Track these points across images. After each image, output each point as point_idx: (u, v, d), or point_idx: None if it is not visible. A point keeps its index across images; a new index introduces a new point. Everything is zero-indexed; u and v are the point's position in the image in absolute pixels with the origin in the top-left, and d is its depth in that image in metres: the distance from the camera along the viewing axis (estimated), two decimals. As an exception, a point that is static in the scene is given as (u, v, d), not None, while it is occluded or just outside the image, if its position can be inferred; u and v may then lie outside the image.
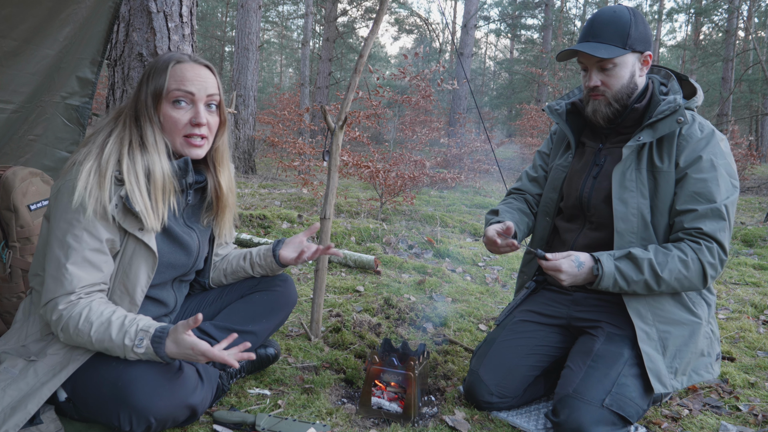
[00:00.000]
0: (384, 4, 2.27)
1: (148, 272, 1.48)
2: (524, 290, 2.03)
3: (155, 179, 1.44)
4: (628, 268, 1.66)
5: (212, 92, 1.51)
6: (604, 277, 1.66)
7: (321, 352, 2.22)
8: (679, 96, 1.73)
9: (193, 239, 1.62)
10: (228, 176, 1.66)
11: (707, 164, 1.67)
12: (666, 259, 1.64)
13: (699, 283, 1.67)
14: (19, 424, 1.35)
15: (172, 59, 1.50)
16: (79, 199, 1.37)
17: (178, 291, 1.70)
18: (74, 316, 1.36)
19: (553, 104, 1.97)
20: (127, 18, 2.53)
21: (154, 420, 1.37)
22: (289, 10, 27.31)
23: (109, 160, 1.42)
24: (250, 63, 9.43)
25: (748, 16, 15.81)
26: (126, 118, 1.49)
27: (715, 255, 1.65)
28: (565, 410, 1.61)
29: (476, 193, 9.01)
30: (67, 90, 2.38)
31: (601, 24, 1.73)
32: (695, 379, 1.75)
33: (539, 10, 19.68)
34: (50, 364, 1.41)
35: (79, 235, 1.37)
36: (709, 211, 1.65)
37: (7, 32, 1.97)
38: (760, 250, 5.00)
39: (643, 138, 1.70)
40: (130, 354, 1.37)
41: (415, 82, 7.18)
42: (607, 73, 1.74)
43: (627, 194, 1.73)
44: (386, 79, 11.92)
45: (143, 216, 1.42)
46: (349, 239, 4.44)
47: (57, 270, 1.37)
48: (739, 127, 19.33)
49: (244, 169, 9.54)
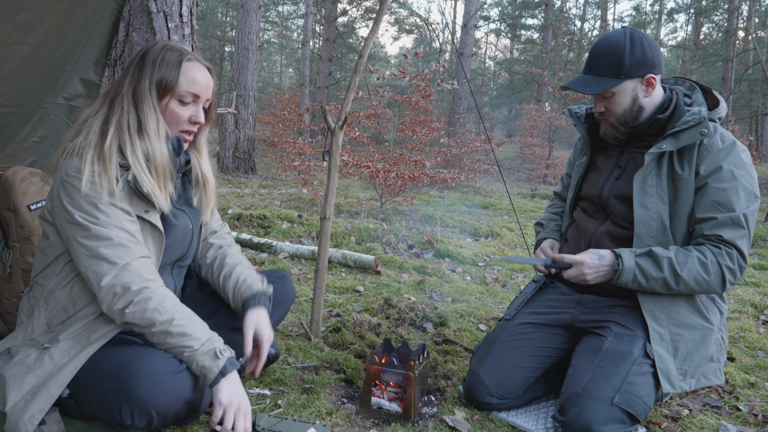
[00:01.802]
0: (384, 4, 2.27)
1: (156, 253, 1.53)
2: (533, 284, 2.06)
3: (156, 163, 1.48)
4: (648, 264, 1.70)
5: (210, 97, 1.62)
6: (624, 271, 1.70)
7: (321, 352, 2.22)
8: (704, 108, 1.76)
9: (185, 221, 1.65)
10: (208, 166, 1.73)
11: (727, 174, 1.70)
12: (686, 260, 1.68)
13: (718, 286, 1.70)
14: (44, 409, 1.35)
15: (183, 55, 1.54)
16: (89, 188, 1.39)
17: (177, 277, 1.71)
18: (160, 291, 1.42)
19: (573, 108, 2.05)
20: (127, 18, 2.53)
21: (156, 414, 1.37)
22: (289, 10, 27.33)
23: (111, 146, 1.43)
24: (250, 63, 9.43)
25: (748, 16, 15.80)
26: (124, 102, 1.49)
27: (735, 260, 1.68)
28: (574, 408, 1.60)
29: (476, 193, 9.02)
30: (70, 92, 2.38)
31: (595, 56, 1.79)
32: (703, 382, 1.77)
33: (539, 10, 19.66)
34: (65, 348, 1.41)
35: (108, 212, 1.40)
36: (728, 219, 1.68)
37: (23, 38, 1.98)
38: (760, 250, 5.00)
39: (666, 146, 1.73)
40: (205, 350, 1.40)
41: (415, 82, 7.18)
42: (608, 100, 1.80)
43: (647, 199, 1.77)
44: (386, 79, 11.92)
45: (153, 197, 1.46)
46: (349, 239, 4.44)
47: (111, 246, 1.39)
48: (739, 127, 19.34)
49: (244, 169, 9.54)
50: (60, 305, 1.46)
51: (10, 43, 1.95)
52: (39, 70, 2.16)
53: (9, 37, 1.93)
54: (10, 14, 1.87)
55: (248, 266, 1.80)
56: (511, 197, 6.63)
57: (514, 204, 7.10)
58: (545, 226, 2.18)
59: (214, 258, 1.81)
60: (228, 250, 1.83)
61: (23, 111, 2.25)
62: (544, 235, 2.14)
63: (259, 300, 1.68)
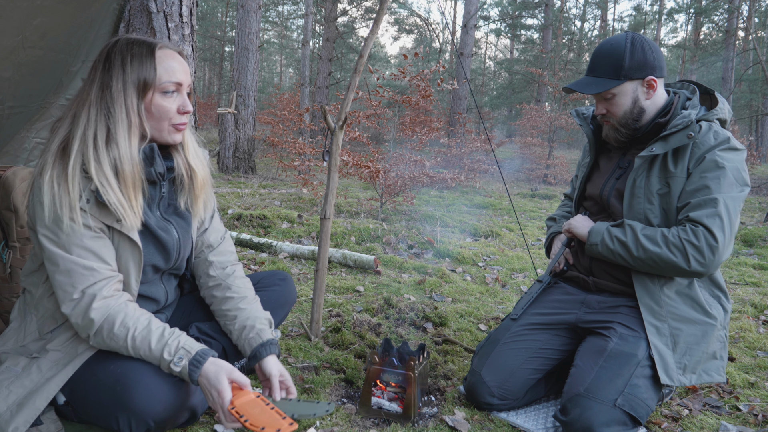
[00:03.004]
0: (384, 4, 2.27)
1: (136, 264, 1.46)
2: (538, 284, 2.06)
3: (125, 175, 1.39)
4: (617, 231, 1.80)
5: (190, 81, 1.53)
6: (593, 231, 1.84)
7: (321, 352, 2.22)
8: (694, 111, 1.79)
9: (171, 235, 1.55)
10: (197, 157, 1.61)
11: (711, 164, 1.71)
12: (652, 233, 1.74)
13: (683, 262, 1.68)
14: (29, 421, 1.34)
15: (153, 45, 1.44)
16: (49, 208, 1.33)
17: (168, 283, 1.64)
18: (109, 318, 1.35)
19: (581, 109, 2.10)
20: (127, 18, 2.53)
21: (154, 423, 1.36)
22: (289, 10, 27.32)
23: (74, 166, 1.36)
24: (250, 63, 9.43)
25: (748, 16, 15.80)
26: (90, 112, 1.40)
27: (701, 238, 1.66)
28: (576, 409, 1.60)
29: (476, 193, 9.02)
30: (74, 93, 2.38)
31: (597, 58, 1.84)
32: (705, 378, 1.77)
33: (539, 10, 19.67)
34: (53, 360, 1.40)
35: (69, 230, 1.35)
36: (702, 201, 1.69)
37: (37, 41, 1.99)
38: (760, 250, 5.00)
39: (656, 149, 1.77)
40: (164, 366, 1.36)
41: (415, 82, 7.18)
42: (609, 102, 1.83)
43: (634, 200, 1.82)
44: (386, 79, 11.91)
45: (119, 212, 1.38)
46: (349, 239, 4.44)
47: (65, 271, 1.35)
48: (739, 127, 19.33)
49: (244, 169, 9.54)
50: (49, 313, 1.45)
51: (26, 48, 1.96)
52: (47, 72, 2.17)
53: (26, 41, 1.94)
54: (28, 19, 1.89)
55: (253, 299, 1.69)
56: (511, 197, 6.63)
57: (514, 204, 7.10)
58: (558, 221, 2.21)
59: (216, 284, 1.69)
60: (231, 280, 1.70)
61: (26, 111, 2.26)
62: (556, 229, 2.17)
63: (272, 349, 1.59)
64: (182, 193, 1.59)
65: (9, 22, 1.83)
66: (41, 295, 1.46)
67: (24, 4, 1.81)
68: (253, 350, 1.57)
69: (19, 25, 1.88)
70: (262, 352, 1.56)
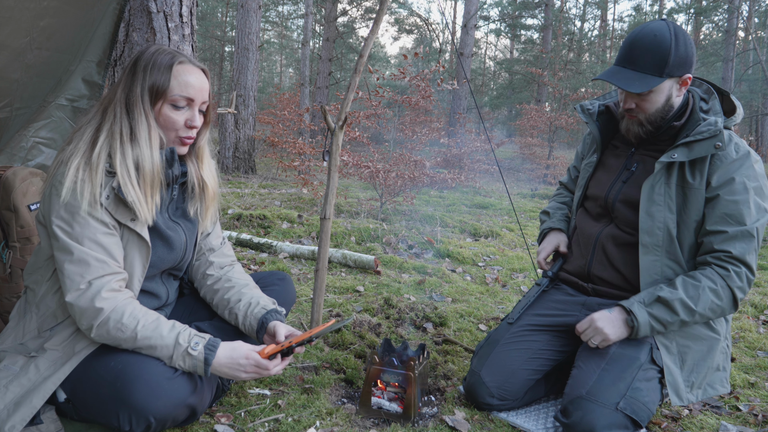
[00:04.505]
0: (384, 4, 2.27)
1: (142, 262, 1.50)
2: (536, 287, 2.03)
3: (145, 172, 1.45)
4: (661, 312, 1.66)
5: (206, 99, 1.57)
6: (640, 327, 1.67)
7: (321, 352, 2.22)
8: (720, 119, 1.68)
9: (179, 234, 1.61)
10: (209, 170, 1.69)
11: (740, 186, 1.65)
12: (697, 293, 1.64)
13: (730, 308, 1.68)
14: (26, 419, 1.35)
15: (175, 58, 1.50)
16: (69, 195, 1.37)
17: (168, 283, 1.69)
18: (118, 309, 1.38)
19: (585, 104, 1.98)
20: (127, 18, 2.53)
21: (154, 420, 1.37)
22: (289, 10, 27.30)
23: (100, 155, 1.42)
24: (250, 63, 9.43)
25: (748, 16, 15.80)
26: (116, 110, 1.47)
27: (743, 278, 1.66)
28: (578, 412, 1.59)
29: (476, 193, 9.01)
30: (73, 93, 2.38)
31: (640, 50, 1.67)
32: (710, 392, 1.76)
33: (539, 10, 19.66)
34: (51, 359, 1.41)
35: (84, 222, 1.38)
36: (738, 233, 1.64)
37: (44, 42, 2.01)
38: (761, 250, 5.00)
39: (678, 156, 1.68)
40: (178, 354, 1.39)
41: (415, 82, 7.17)
42: (642, 98, 1.71)
43: (654, 208, 1.73)
44: (386, 79, 11.90)
45: (136, 207, 1.43)
46: (349, 239, 4.44)
47: (77, 260, 1.37)
48: (739, 127, 19.33)
49: (244, 169, 9.54)
50: (50, 311, 1.46)
51: (33, 49, 1.99)
52: (50, 72, 2.18)
53: (33, 43, 1.97)
54: (35, 21, 1.91)
55: (255, 286, 1.76)
56: (511, 197, 6.63)
57: (514, 204, 7.10)
58: (552, 215, 2.15)
59: (216, 279, 1.75)
60: (231, 273, 1.78)
61: (29, 111, 2.26)
62: (550, 224, 2.11)
63: (278, 316, 1.67)
64: (192, 201, 1.66)
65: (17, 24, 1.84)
66: (44, 292, 1.47)
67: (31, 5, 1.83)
68: (260, 320, 1.64)
69: (27, 27, 1.89)
70: (269, 317, 1.64)
